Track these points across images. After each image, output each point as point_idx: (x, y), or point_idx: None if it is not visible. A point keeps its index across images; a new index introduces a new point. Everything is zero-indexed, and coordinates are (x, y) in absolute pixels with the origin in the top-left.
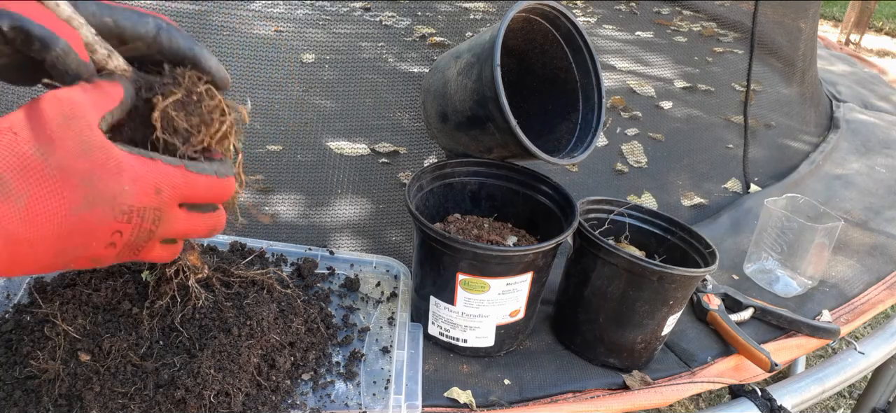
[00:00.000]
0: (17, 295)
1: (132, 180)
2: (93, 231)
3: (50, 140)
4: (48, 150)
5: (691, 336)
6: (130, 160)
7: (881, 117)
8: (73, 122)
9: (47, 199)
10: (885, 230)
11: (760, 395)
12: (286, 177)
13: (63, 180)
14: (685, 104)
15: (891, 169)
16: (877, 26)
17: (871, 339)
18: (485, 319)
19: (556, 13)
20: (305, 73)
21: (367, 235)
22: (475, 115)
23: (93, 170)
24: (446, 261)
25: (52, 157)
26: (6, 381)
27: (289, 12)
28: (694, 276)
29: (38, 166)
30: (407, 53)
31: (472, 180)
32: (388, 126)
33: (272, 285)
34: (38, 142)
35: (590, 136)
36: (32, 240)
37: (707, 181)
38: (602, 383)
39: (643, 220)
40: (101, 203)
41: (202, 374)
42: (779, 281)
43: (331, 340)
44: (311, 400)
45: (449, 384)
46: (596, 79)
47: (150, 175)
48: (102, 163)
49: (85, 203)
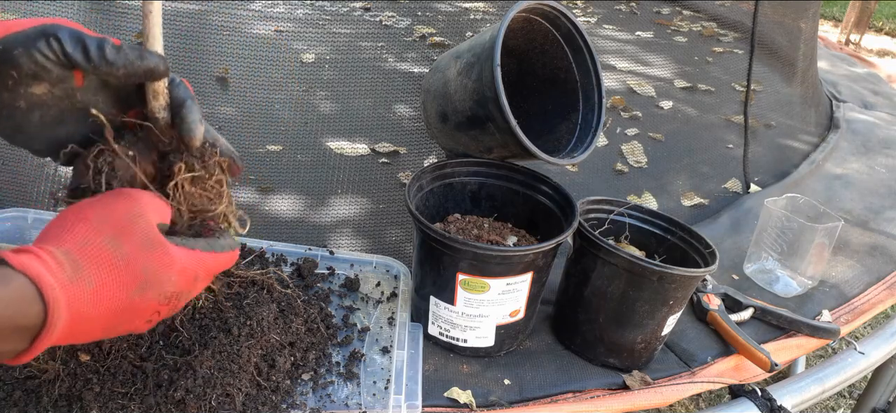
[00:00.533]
0: None
1: (179, 272)
2: (140, 311)
3: (121, 233)
4: (119, 242)
5: (691, 336)
6: (180, 254)
7: (881, 117)
8: (140, 219)
9: (112, 284)
10: (885, 230)
11: (760, 395)
12: (286, 177)
13: (126, 269)
14: (685, 104)
15: (891, 169)
16: (877, 26)
17: (871, 339)
18: (485, 319)
19: (556, 13)
20: (305, 73)
21: (367, 235)
22: (475, 115)
23: (151, 262)
24: (446, 261)
25: (120, 248)
26: (6, 381)
27: (289, 12)
28: (694, 276)
29: (109, 257)
30: (407, 53)
31: (472, 180)
32: (388, 126)
33: (272, 285)
34: (111, 234)
35: (590, 136)
36: (93, 317)
37: (707, 181)
38: (602, 383)
39: (643, 220)
40: (152, 289)
41: (202, 374)
42: (779, 281)
43: (331, 340)
44: (311, 400)
45: (449, 384)
46: (596, 79)
47: (193, 266)
48: (159, 257)
49: (139, 289)
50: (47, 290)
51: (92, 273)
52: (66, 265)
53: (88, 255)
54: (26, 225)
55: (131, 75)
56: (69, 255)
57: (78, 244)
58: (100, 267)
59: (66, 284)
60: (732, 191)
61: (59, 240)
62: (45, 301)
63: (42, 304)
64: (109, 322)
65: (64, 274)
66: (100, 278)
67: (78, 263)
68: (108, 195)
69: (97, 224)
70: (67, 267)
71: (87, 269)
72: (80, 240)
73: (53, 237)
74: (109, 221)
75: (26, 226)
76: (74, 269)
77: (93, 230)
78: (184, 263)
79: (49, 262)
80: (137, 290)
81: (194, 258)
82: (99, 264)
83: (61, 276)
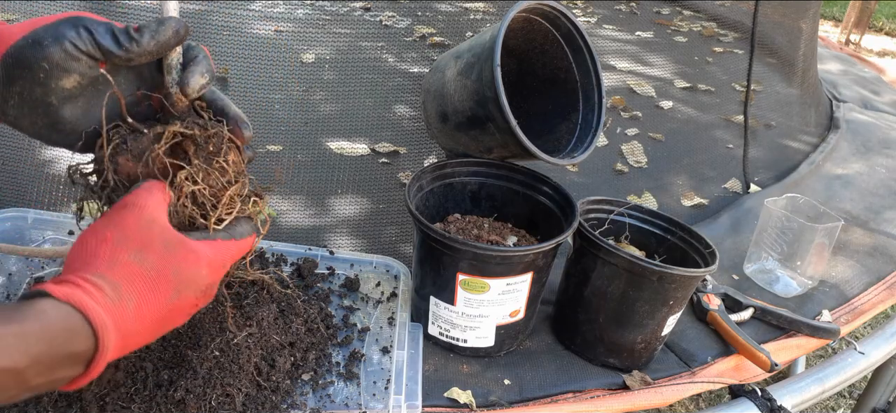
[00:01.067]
0: (17, 295)
1: (208, 265)
2: (181, 310)
3: (142, 245)
4: (143, 255)
5: (691, 336)
6: (202, 247)
7: (881, 117)
8: (154, 226)
9: (151, 296)
10: (885, 230)
11: (760, 395)
12: (286, 177)
13: (158, 278)
14: (685, 104)
15: (891, 169)
16: (877, 26)
17: (871, 339)
18: (485, 319)
19: (556, 13)
20: (305, 73)
21: (367, 235)
22: (475, 115)
23: (178, 264)
24: (446, 261)
25: (146, 260)
26: None
27: (289, 12)
28: (694, 276)
29: (139, 271)
30: (407, 53)
31: (472, 180)
32: (388, 126)
33: (272, 285)
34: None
35: (590, 136)
36: (140, 330)
37: (707, 181)
38: (602, 383)
39: (643, 220)
40: (187, 289)
41: (202, 374)
42: (779, 281)
43: (331, 340)
44: (311, 400)
45: (449, 384)
46: (596, 79)
47: (219, 256)
48: (184, 257)
49: (175, 292)
50: (94, 317)
51: (130, 291)
52: (106, 288)
53: (120, 274)
54: (26, 225)
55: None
56: (105, 278)
57: (107, 265)
58: (134, 283)
59: (110, 307)
60: (732, 191)
61: (89, 266)
62: (94, 327)
63: (91, 330)
64: (155, 329)
65: (106, 298)
66: (138, 294)
67: (116, 285)
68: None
69: (119, 244)
70: (107, 290)
71: (125, 288)
72: (107, 261)
73: (81, 264)
74: (128, 237)
75: (26, 226)
76: (114, 290)
77: (116, 249)
78: (210, 256)
79: (89, 288)
80: (174, 293)
81: (217, 249)
82: (133, 280)
83: (104, 301)
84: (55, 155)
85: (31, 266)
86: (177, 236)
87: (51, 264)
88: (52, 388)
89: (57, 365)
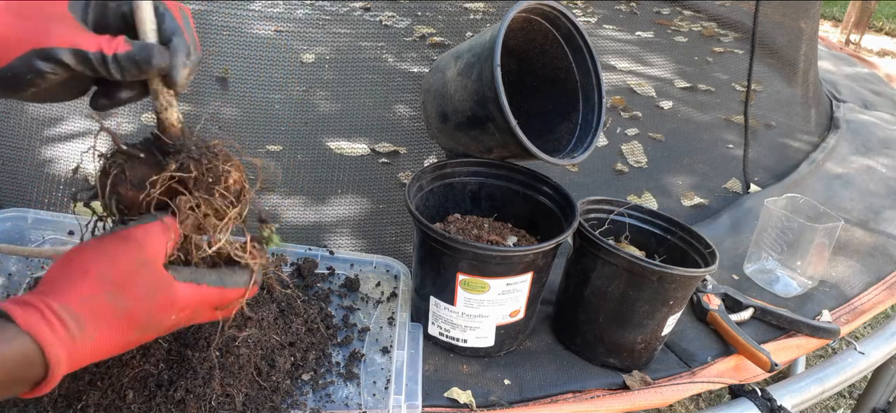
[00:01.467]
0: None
1: (180, 309)
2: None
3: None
4: (121, 296)
5: (691, 336)
6: (184, 291)
7: (881, 117)
8: (143, 270)
9: (112, 335)
10: (885, 230)
11: (760, 395)
12: (286, 177)
13: (128, 320)
14: (685, 104)
15: (891, 169)
16: (877, 26)
17: (871, 339)
18: (485, 319)
19: (556, 13)
20: (305, 73)
21: (367, 235)
22: (475, 115)
23: (152, 310)
24: (446, 261)
25: (123, 302)
26: None
27: (289, 12)
28: (694, 276)
29: (110, 312)
30: (407, 53)
31: (472, 180)
32: (388, 126)
33: (272, 285)
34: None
35: (590, 136)
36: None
37: (707, 181)
38: (602, 383)
39: (643, 220)
40: (151, 330)
41: (202, 374)
42: (779, 281)
43: (331, 340)
44: (311, 400)
45: (449, 384)
46: (596, 79)
47: (194, 302)
48: (162, 303)
49: (139, 332)
50: (50, 352)
51: (93, 328)
52: (70, 323)
53: (89, 310)
54: (26, 225)
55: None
56: (71, 313)
57: (80, 301)
58: (100, 321)
59: (68, 344)
60: (732, 191)
61: (63, 295)
62: (48, 360)
63: (44, 361)
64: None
65: (66, 334)
66: (100, 332)
67: (80, 321)
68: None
69: (99, 280)
70: (71, 325)
71: (90, 326)
72: (82, 296)
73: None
74: (111, 276)
75: (26, 226)
76: (78, 326)
77: (95, 286)
78: (187, 301)
79: (53, 321)
80: (137, 333)
81: (198, 294)
82: (99, 319)
83: (64, 336)
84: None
85: (31, 266)
86: (163, 280)
87: (51, 264)
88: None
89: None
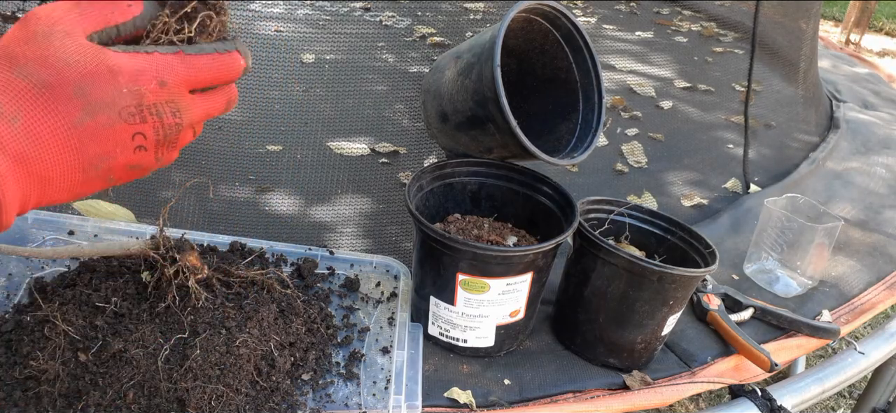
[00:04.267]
0: (17, 295)
1: (130, 80)
2: (107, 138)
3: (28, 59)
4: (28, 70)
5: (691, 336)
6: (125, 60)
7: (881, 117)
8: (52, 37)
9: (43, 116)
10: (885, 230)
11: (760, 395)
12: (286, 177)
13: (52, 95)
14: (685, 104)
15: (891, 169)
16: (877, 26)
17: (871, 339)
18: (485, 319)
19: (556, 13)
20: (305, 73)
21: (367, 235)
22: (475, 116)
23: (81, 79)
24: (446, 261)
25: (34, 75)
26: (6, 381)
27: (289, 12)
28: (694, 276)
29: (23, 86)
30: (407, 53)
31: (472, 180)
32: (388, 126)
33: (272, 285)
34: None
35: (590, 136)
36: (43, 157)
37: (707, 181)
38: (602, 383)
39: (643, 220)
40: (103, 109)
41: (202, 374)
42: (779, 281)
43: (331, 340)
44: (311, 400)
45: (449, 384)
46: (596, 79)
47: (150, 70)
48: (92, 71)
49: (85, 113)
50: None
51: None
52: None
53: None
54: (26, 225)
55: None
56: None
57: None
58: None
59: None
60: (732, 191)
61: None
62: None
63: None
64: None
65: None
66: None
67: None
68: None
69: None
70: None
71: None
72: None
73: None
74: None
75: (26, 226)
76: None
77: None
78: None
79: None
80: (84, 115)
81: (150, 61)
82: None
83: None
84: None
85: (31, 266)
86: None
87: (51, 264)
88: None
89: None
